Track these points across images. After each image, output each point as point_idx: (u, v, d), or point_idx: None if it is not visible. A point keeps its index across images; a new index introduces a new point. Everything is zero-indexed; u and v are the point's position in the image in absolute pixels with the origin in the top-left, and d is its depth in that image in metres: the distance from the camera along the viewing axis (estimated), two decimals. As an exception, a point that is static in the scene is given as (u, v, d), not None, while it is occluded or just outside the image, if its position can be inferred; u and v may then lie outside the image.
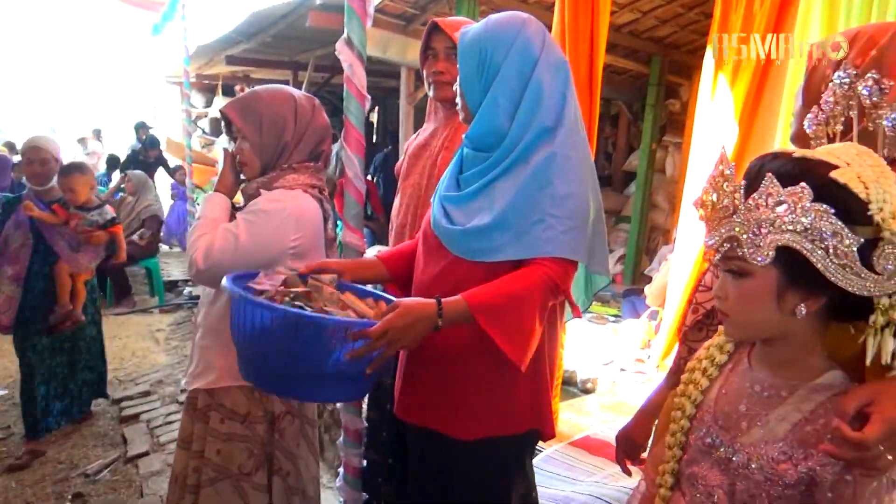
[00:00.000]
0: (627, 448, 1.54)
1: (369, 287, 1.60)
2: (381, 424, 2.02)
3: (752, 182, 0.89)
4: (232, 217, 1.71)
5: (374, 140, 11.98)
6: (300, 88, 1.78)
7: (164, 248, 7.64)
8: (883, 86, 0.93)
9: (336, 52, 1.78)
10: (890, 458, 0.80)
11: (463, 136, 1.50)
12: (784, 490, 0.91)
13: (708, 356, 1.09)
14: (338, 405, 2.14)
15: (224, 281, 1.34)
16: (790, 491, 0.91)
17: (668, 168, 7.26)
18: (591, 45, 2.95)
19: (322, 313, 1.32)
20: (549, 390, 1.51)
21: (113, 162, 8.92)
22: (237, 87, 11.10)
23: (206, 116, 12.75)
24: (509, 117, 1.39)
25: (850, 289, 0.83)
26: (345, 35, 1.79)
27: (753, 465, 0.94)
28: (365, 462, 1.99)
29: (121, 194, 6.25)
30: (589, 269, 1.48)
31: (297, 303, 1.32)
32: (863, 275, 0.83)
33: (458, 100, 1.49)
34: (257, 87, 1.78)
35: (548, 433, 1.53)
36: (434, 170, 1.93)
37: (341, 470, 1.98)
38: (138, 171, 6.72)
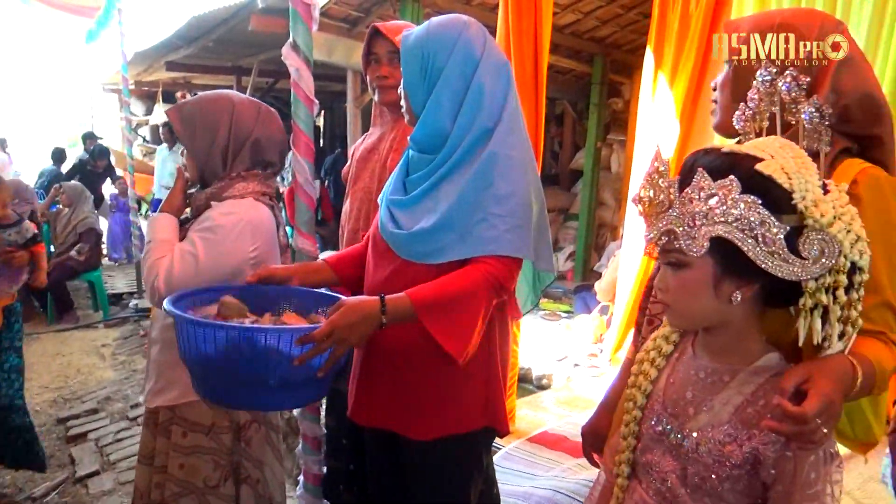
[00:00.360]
0: (593, 442, 1.57)
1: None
2: (340, 431, 2.02)
3: (686, 177, 0.94)
4: (182, 230, 1.68)
5: (322, 144, 11.88)
6: (244, 94, 1.77)
7: (107, 261, 7.43)
8: (800, 82, 0.98)
9: (282, 57, 1.78)
10: (825, 431, 0.85)
11: (408, 138, 1.51)
12: (731, 470, 0.96)
13: (655, 347, 1.13)
14: (295, 413, 2.12)
15: (165, 304, 1.33)
16: (737, 471, 0.95)
17: (614, 165, 7.43)
18: (535, 45, 3.00)
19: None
20: (501, 387, 1.53)
21: (52, 175, 8.59)
22: (178, 94, 10.87)
23: (146, 124, 12.44)
24: (452, 119, 1.41)
25: (779, 274, 0.88)
26: (290, 39, 1.78)
27: (702, 449, 0.98)
28: (325, 469, 1.98)
29: (57, 206, 6.04)
30: (535, 266, 1.52)
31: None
32: (790, 260, 0.88)
33: (402, 102, 1.51)
34: (203, 92, 1.76)
35: (502, 430, 1.55)
36: (384, 173, 1.94)
37: (301, 478, 1.96)
38: (73, 183, 6.50)
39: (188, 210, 1.75)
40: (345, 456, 2.02)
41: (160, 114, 11.59)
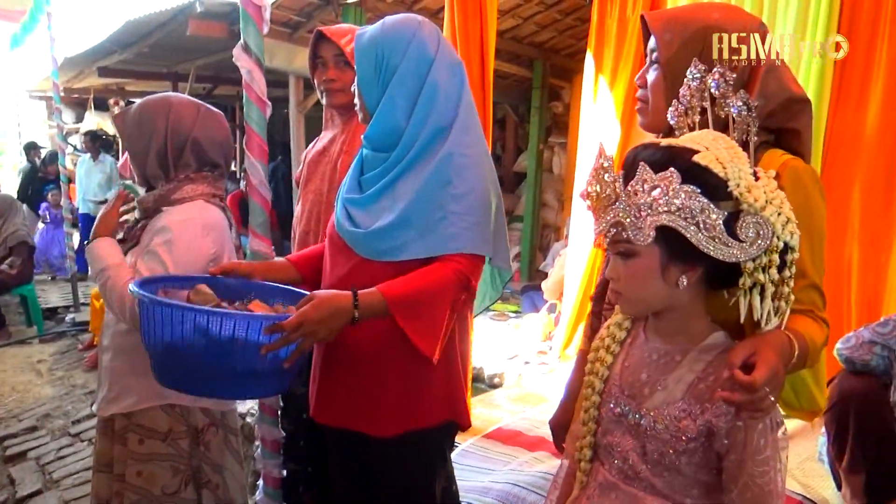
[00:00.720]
0: (562, 433, 1.62)
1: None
2: (296, 434, 2.01)
3: (629, 171, 1.00)
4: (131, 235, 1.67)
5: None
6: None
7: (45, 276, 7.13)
8: (728, 78, 1.05)
9: (234, 59, 1.77)
10: (773, 399, 0.92)
11: (362, 136, 1.52)
12: (688, 444, 1.02)
13: (609, 335, 1.19)
14: (249, 420, 2.11)
15: (132, 286, 1.32)
16: (693, 444, 1.02)
17: (556, 167, 7.58)
18: (481, 50, 3.07)
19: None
20: (462, 381, 1.56)
21: None
22: (111, 101, 10.49)
23: (76, 132, 11.98)
24: (407, 117, 1.42)
25: (720, 257, 0.95)
26: (241, 41, 1.78)
27: (659, 426, 1.04)
28: (284, 473, 1.98)
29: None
30: (492, 263, 1.54)
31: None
32: (729, 244, 0.94)
33: (356, 100, 1.52)
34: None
35: (464, 424, 1.57)
36: (335, 174, 1.95)
37: (260, 483, 1.95)
38: (3, 194, 6.24)
39: (136, 212, 1.73)
40: (303, 458, 2.02)
41: (91, 121, 11.20)
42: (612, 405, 1.13)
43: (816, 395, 1.23)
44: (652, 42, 1.26)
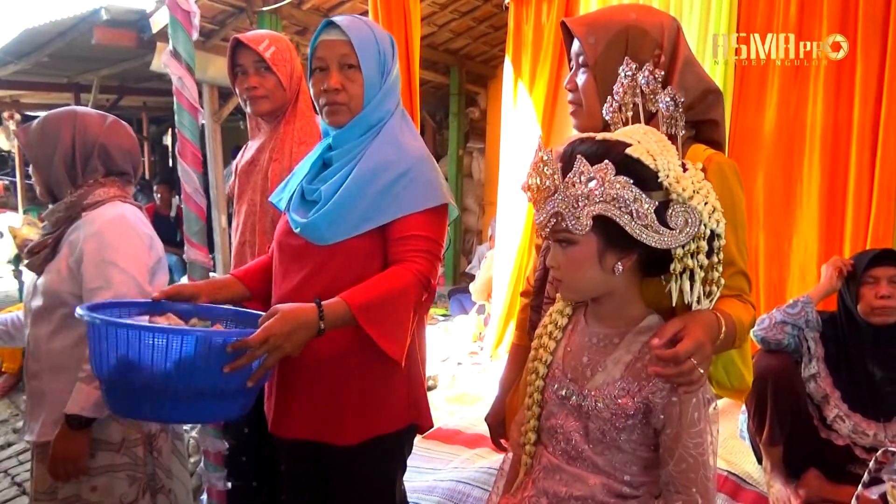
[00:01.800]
0: (499, 428, 1.66)
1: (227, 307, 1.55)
2: (238, 449, 1.97)
3: (567, 164, 1.05)
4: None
5: (171, 163, 11.28)
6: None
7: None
8: (657, 75, 1.12)
9: (162, 66, 1.74)
10: (701, 371, 0.99)
11: (337, 133, 1.51)
12: (627, 421, 1.08)
13: (552, 321, 1.24)
14: (193, 431, 2.05)
15: (79, 310, 1.24)
16: (632, 420, 1.08)
17: (475, 172, 7.69)
18: (407, 57, 3.10)
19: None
20: (423, 383, 1.57)
21: None
22: (5, 115, 9.88)
23: (-33, 149, 11.21)
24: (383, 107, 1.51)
25: (652, 244, 1.01)
26: (170, 47, 1.74)
27: (600, 405, 1.10)
28: (228, 485, 1.94)
29: None
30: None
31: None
32: (660, 231, 1.01)
33: (339, 97, 1.47)
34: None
35: (426, 425, 1.58)
36: (266, 183, 1.92)
37: (204, 497, 1.90)
38: None
39: (42, 224, 1.68)
40: (246, 473, 1.98)
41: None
42: (555, 388, 1.18)
43: (745, 374, 1.32)
44: (577, 46, 1.31)
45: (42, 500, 1.64)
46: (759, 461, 2.56)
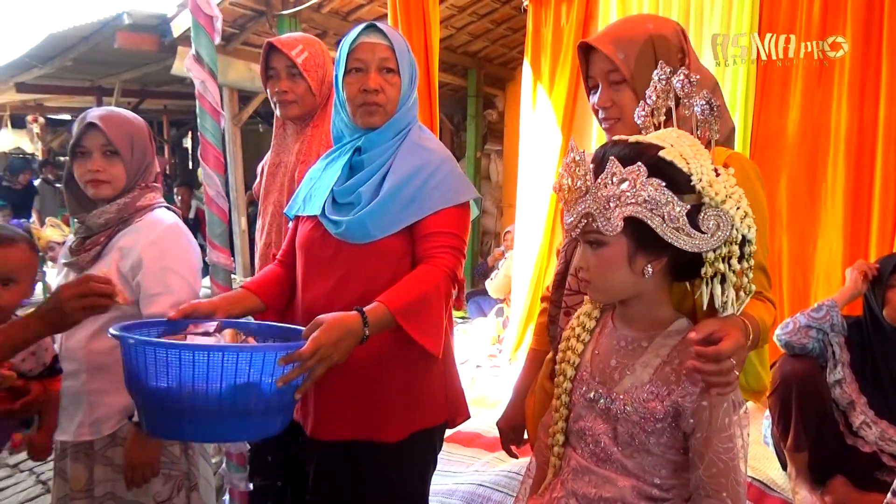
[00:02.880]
0: (511, 434, 1.66)
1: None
2: (265, 448, 1.99)
3: (599, 165, 1.05)
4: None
5: (191, 166, 11.41)
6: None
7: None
8: (692, 79, 1.11)
9: (185, 70, 1.75)
10: (737, 373, 0.98)
11: (368, 137, 1.54)
12: (656, 424, 1.08)
13: (579, 324, 1.24)
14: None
15: (113, 331, 1.22)
16: (661, 424, 1.07)
17: (493, 175, 7.69)
18: (426, 61, 3.10)
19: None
20: (457, 375, 1.62)
21: None
22: (29, 118, 10.06)
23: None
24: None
25: (683, 247, 1.00)
26: (192, 51, 1.75)
27: (629, 409, 1.09)
28: (251, 487, 1.95)
29: None
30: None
31: None
32: (692, 235, 1.00)
33: (377, 98, 1.51)
34: (100, 108, 1.72)
35: (464, 416, 1.64)
36: (293, 185, 1.94)
37: (226, 498, 1.91)
38: None
39: (78, 225, 1.70)
40: (272, 473, 1.99)
41: (8, 139, 10.68)
42: (583, 390, 1.18)
43: (762, 373, 1.32)
44: (606, 65, 1.32)
45: (78, 499, 1.66)
46: (784, 467, 2.53)
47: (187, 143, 13.00)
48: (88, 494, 1.65)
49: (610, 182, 1.01)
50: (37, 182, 8.50)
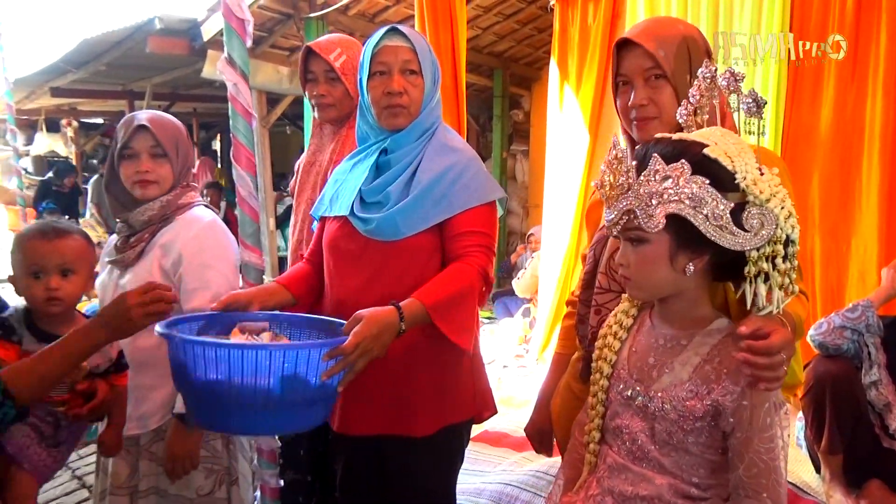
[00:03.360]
0: (539, 438, 1.67)
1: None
2: (297, 443, 2.01)
3: (641, 162, 1.04)
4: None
5: (220, 166, 11.54)
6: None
7: None
8: (738, 77, 1.10)
9: (217, 72, 1.79)
10: (785, 368, 0.98)
11: (394, 138, 1.57)
12: (695, 423, 1.07)
13: (617, 321, 1.24)
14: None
15: (160, 328, 1.26)
16: (700, 423, 1.07)
17: (519, 175, 7.68)
18: (453, 61, 3.11)
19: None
20: (485, 371, 1.64)
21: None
22: (63, 122, 10.28)
23: (27, 155, 11.65)
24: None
25: (726, 245, 1.00)
26: (225, 54, 1.78)
27: (667, 407, 1.09)
28: (282, 483, 1.97)
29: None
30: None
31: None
32: (735, 233, 0.99)
33: (402, 100, 1.54)
34: (146, 111, 1.77)
35: (492, 411, 1.66)
36: (324, 183, 1.97)
37: (258, 493, 1.94)
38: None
39: (119, 224, 1.74)
40: (303, 467, 2.02)
41: (43, 143, 10.93)
42: (620, 388, 1.17)
43: (795, 368, 1.31)
44: (646, 61, 1.31)
45: (119, 495, 1.69)
46: (818, 470, 2.50)
47: (216, 144, 13.18)
48: (129, 489, 1.68)
49: (653, 179, 1.01)
50: (94, 178, 8.68)
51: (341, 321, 1.38)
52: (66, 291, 1.47)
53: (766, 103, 1.07)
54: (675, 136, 1.08)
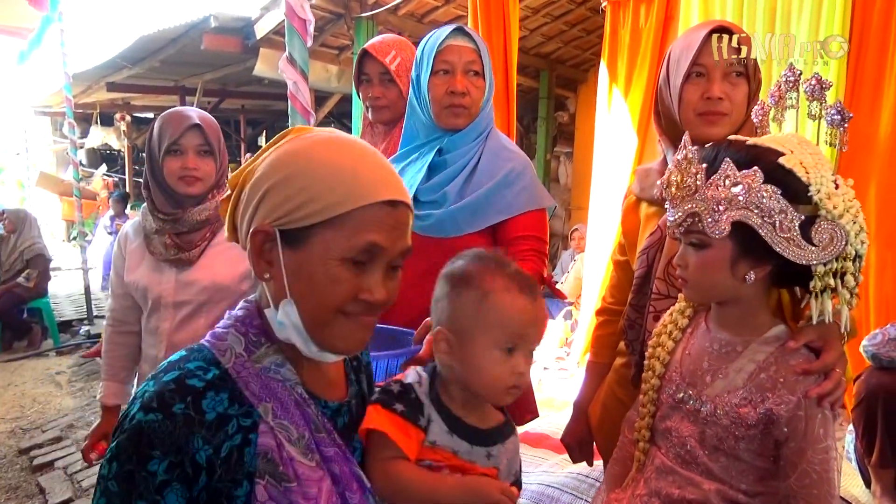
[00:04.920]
0: (579, 448, 1.65)
1: None
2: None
3: (711, 165, 1.03)
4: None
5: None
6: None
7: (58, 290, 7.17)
8: (824, 85, 1.07)
9: (279, 71, 1.83)
10: (844, 384, 0.97)
11: (451, 139, 1.59)
12: (747, 431, 1.06)
13: (672, 321, 1.23)
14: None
15: None
16: (752, 431, 1.06)
17: (562, 177, 7.64)
18: (505, 62, 3.12)
19: None
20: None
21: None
22: (117, 116, 10.57)
23: (81, 147, 12.04)
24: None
25: (792, 258, 0.98)
26: (286, 53, 1.84)
27: (720, 412, 1.08)
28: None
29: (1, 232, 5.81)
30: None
31: None
32: (802, 246, 0.97)
33: (464, 101, 1.56)
34: (193, 109, 1.80)
35: (533, 413, 1.69)
36: None
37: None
38: (16, 208, 6.31)
39: (201, 217, 1.73)
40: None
41: (97, 136, 11.27)
42: (672, 390, 1.17)
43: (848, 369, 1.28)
44: (734, 55, 1.28)
45: None
46: (868, 484, 2.43)
47: (262, 141, 13.41)
48: None
49: (722, 184, 1.00)
50: None
51: (404, 329, 1.38)
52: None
53: (851, 117, 1.04)
54: (750, 140, 1.06)
